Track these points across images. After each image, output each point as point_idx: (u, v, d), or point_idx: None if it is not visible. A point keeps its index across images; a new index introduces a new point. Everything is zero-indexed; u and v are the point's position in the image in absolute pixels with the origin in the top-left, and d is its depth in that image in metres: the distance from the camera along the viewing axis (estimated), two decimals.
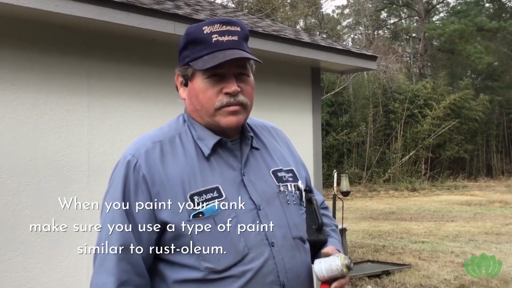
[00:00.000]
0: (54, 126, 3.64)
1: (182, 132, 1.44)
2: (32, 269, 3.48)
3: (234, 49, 1.38)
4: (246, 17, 5.82)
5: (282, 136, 1.63)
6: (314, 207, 1.55)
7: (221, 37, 1.38)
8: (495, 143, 28.50)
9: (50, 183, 3.59)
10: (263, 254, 1.36)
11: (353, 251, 8.63)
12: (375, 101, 25.06)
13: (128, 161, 1.39)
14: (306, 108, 5.38)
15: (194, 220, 1.33)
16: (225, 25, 1.40)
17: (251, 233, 1.36)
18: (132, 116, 4.04)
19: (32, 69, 3.57)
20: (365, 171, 23.24)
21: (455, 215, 13.67)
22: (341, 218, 7.07)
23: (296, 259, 1.42)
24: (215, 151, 1.42)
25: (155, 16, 3.78)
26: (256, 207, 1.39)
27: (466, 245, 9.15)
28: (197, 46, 1.40)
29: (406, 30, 34.50)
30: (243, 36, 1.42)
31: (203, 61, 1.37)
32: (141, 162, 1.37)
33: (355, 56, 5.47)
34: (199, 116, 1.43)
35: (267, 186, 1.44)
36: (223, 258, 1.33)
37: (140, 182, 1.35)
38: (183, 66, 1.43)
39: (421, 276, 6.86)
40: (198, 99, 1.40)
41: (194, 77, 1.41)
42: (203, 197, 1.35)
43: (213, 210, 1.34)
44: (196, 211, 1.33)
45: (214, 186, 1.37)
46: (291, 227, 1.43)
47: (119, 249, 1.33)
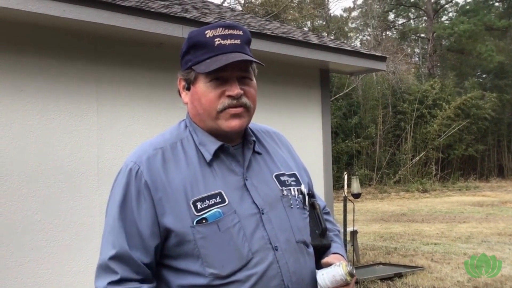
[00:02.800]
0: (63, 132, 3.64)
1: (184, 138, 1.43)
2: (43, 275, 3.48)
3: (236, 52, 1.38)
4: (254, 20, 5.80)
5: (284, 141, 1.63)
6: (317, 212, 1.55)
7: (223, 41, 1.38)
8: (506, 143, 28.27)
9: (60, 188, 3.59)
10: (267, 258, 1.35)
11: (365, 253, 8.56)
12: (385, 102, 24.96)
13: (130, 168, 1.37)
14: (315, 110, 5.35)
15: (197, 226, 1.32)
16: (228, 29, 1.39)
17: (254, 238, 1.35)
18: (141, 121, 4.03)
19: (40, 75, 3.58)
20: (375, 172, 23.14)
21: (467, 216, 13.55)
22: (352, 220, 7.02)
23: (300, 263, 1.41)
24: (217, 156, 1.41)
25: (163, 20, 3.78)
26: (260, 211, 1.38)
27: (479, 247, 9.05)
28: (199, 50, 1.39)
29: (415, 30, 34.36)
30: (246, 40, 1.42)
31: (206, 64, 1.37)
32: (143, 169, 1.36)
33: (365, 57, 5.43)
34: (201, 120, 1.43)
35: (270, 190, 1.44)
36: (227, 263, 1.32)
37: (143, 189, 1.35)
38: (186, 70, 1.43)
39: (434, 278, 6.79)
40: (201, 102, 1.40)
41: (196, 80, 1.40)
42: (206, 203, 1.34)
43: (217, 215, 1.33)
44: (199, 217, 1.32)
45: (217, 191, 1.36)
46: (294, 231, 1.43)
47: (116, 257, 1.33)
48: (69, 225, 3.62)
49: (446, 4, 34.58)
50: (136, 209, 1.35)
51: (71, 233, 3.62)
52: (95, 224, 3.74)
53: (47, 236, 3.51)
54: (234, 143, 1.45)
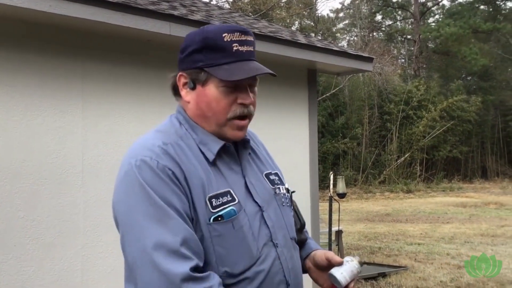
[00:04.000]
0: (48, 128, 3.60)
1: (183, 135, 1.40)
2: (26, 272, 3.44)
3: (252, 60, 1.39)
4: (242, 18, 5.80)
5: (260, 141, 1.64)
6: (295, 208, 1.60)
7: (241, 47, 1.37)
8: (490, 145, 28.61)
9: (44, 185, 3.55)
10: (271, 255, 1.38)
11: (349, 253, 8.60)
12: (371, 103, 25.11)
13: (146, 163, 1.29)
14: (302, 110, 5.36)
15: (214, 224, 1.31)
16: (244, 35, 1.38)
17: (260, 235, 1.37)
18: (127, 118, 4.00)
19: (26, 70, 3.53)
20: (360, 172, 23.27)
21: (451, 217, 13.69)
22: (337, 220, 7.05)
23: (294, 259, 1.45)
24: (220, 156, 1.40)
25: (150, 17, 3.75)
26: (260, 209, 1.40)
27: (462, 247, 9.15)
28: (216, 53, 1.36)
29: (401, 32, 34.60)
30: (255, 46, 1.43)
31: (225, 70, 1.34)
32: (164, 162, 1.29)
33: (352, 58, 5.45)
34: (205, 122, 1.41)
35: (265, 189, 1.46)
36: (240, 261, 1.33)
37: (171, 176, 1.29)
38: (194, 69, 1.39)
39: (417, 278, 6.85)
40: (210, 106, 1.38)
41: (207, 82, 1.37)
42: (220, 201, 1.33)
43: (232, 214, 1.33)
44: (216, 215, 1.31)
45: (226, 190, 1.36)
46: (288, 228, 1.47)
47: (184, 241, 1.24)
48: (53, 222, 3.58)
49: (433, 6, 34.89)
50: (174, 195, 1.28)
51: (54, 230, 3.58)
52: (79, 222, 3.71)
53: (30, 233, 3.47)
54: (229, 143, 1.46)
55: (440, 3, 34.47)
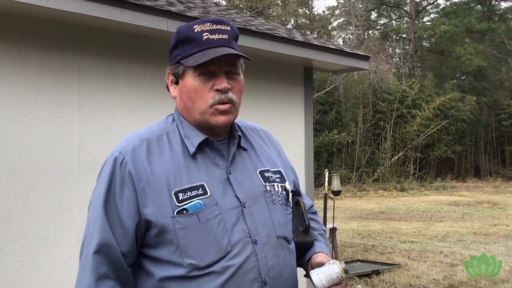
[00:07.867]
0: (44, 123, 3.60)
1: (170, 131, 1.46)
2: (21, 267, 3.44)
3: (224, 47, 1.40)
4: (239, 15, 5.80)
5: (272, 139, 1.65)
6: (302, 209, 1.58)
7: (211, 36, 1.41)
8: (483, 144, 28.75)
9: (40, 180, 3.55)
10: (245, 251, 1.37)
11: (343, 250, 8.64)
12: (365, 101, 25.15)
13: (115, 158, 1.40)
14: (298, 107, 5.38)
15: (178, 217, 1.34)
16: (216, 24, 1.42)
17: (234, 230, 1.37)
18: (124, 113, 4.00)
19: (22, 64, 3.52)
20: (354, 170, 23.32)
21: (444, 215, 13.77)
22: (332, 218, 7.08)
23: (279, 258, 1.43)
24: (202, 150, 1.43)
25: (148, 13, 3.75)
26: (241, 204, 1.41)
27: (455, 245, 9.21)
28: (188, 45, 1.41)
29: (397, 30, 34.66)
30: (233, 35, 1.45)
31: (194, 58, 1.39)
32: (127, 159, 1.38)
33: (348, 56, 5.47)
34: (189, 114, 1.45)
35: (253, 185, 1.46)
36: (206, 254, 1.34)
37: (126, 179, 1.37)
38: (174, 65, 1.45)
39: (410, 276, 6.89)
40: (190, 96, 1.42)
41: (185, 75, 1.42)
42: (188, 194, 1.36)
43: (197, 207, 1.35)
44: (180, 208, 1.35)
45: (199, 183, 1.38)
46: (275, 226, 1.45)
47: (100, 245, 1.34)
48: (49, 217, 3.58)
49: (428, 5, 34.96)
50: (119, 198, 1.36)
51: (50, 225, 3.58)
52: (75, 217, 3.71)
53: (26, 227, 3.47)
54: (221, 138, 1.48)
55: (435, 2, 34.55)
